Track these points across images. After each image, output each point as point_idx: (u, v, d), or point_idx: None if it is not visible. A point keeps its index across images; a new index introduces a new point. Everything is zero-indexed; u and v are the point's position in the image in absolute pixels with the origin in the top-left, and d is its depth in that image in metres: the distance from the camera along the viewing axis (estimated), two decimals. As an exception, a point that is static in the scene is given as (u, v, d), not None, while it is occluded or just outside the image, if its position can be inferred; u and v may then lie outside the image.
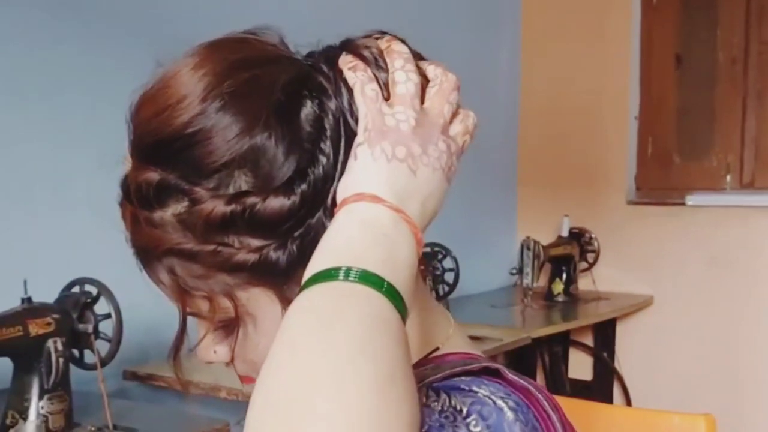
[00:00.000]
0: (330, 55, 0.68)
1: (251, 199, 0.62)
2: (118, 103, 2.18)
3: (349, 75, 0.65)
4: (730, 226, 3.30)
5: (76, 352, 1.67)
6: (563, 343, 3.50)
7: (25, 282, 1.57)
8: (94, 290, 1.67)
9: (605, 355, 3.51)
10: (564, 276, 3.36)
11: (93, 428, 1.62)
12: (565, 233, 3.41)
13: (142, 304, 2.03)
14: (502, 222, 3.65)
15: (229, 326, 0.68)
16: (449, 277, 2.68)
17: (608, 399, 3.48)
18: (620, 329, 3.54)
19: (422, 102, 0.65)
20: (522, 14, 3.81)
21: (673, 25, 3.52)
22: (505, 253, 3.57)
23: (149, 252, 0.67)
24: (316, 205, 0.64)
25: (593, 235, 3.51)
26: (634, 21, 3.56)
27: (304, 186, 0.63)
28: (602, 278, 3.51)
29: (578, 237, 3.47)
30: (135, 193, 0.66)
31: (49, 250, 1.99)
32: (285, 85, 0.64)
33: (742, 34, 3.35)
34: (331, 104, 0.65)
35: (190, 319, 0.70)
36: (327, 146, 0.64)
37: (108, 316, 1.65)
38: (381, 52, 0.66)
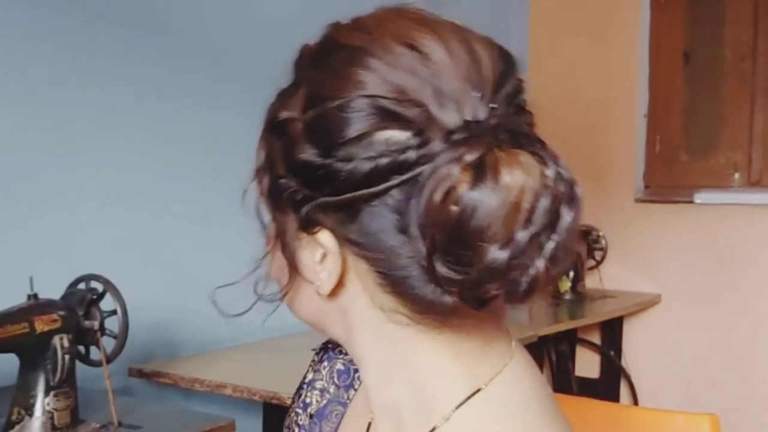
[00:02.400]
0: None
1: (301, 124, 0.63)
2: (124, 98, 2.19)
3: None
4: (737, 224, 3.29)
5: (81, 348, 1.68)
6: (570, 341, 3.50)
7: (31, 279, 1.57)
8: (100, 287, 1.67)
9: (612, 353, 3.51)
10: (571, 274, 3.35)
11: (98, 425, 1.62)
12: (572, 231, 3.40)
13: (148, 301, 2.04)
14: (509, 220, 3.64)
15: None
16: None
17: (615, 397, 3.47)
18: (627, 327, 3.54)
19: None
20: (530, 12, 3.80)
21: (681, 23, 3.51)
22: (512, 250, 3.56)
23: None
24: (315, 184, 0.62)
25: (601, 233, 3.51)
26: (643, 18, 3.55)
27: (333, 162, 0.60)
28: (609, 276, 3.50)
29: (586, 235, 3.47)
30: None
31: (55, 246, 1.99)
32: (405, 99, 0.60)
33: (751, 31, 3.33)
34: (410, 155, 0.59)
35: None
36: (365, 165, 0.59)
37: (114, 312, 1.66)
38: None
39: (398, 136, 0.59)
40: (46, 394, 1.56)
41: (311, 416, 0.87)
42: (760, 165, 3.35)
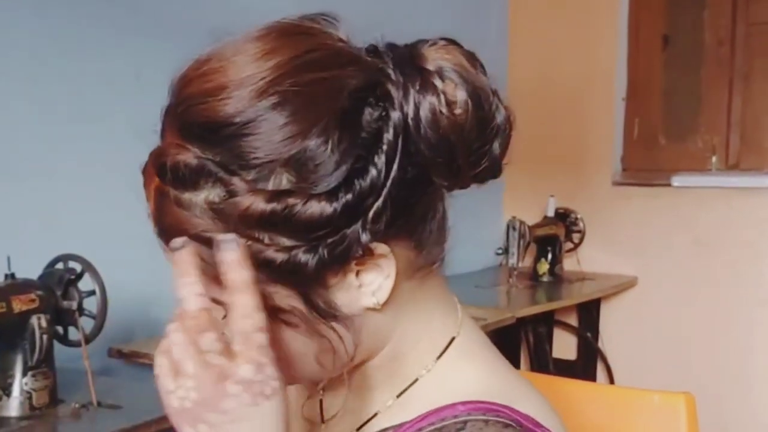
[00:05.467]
0: (398, 57, 0.66)
1: (292, 200, 0.61)
2: (106, 75, 2.17)
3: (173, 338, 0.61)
4: (715, 207, 3.31)
5: (60, 329, 1.67)
6: (548, 323, 3.52)
7: (8, 258, 1.57)
8: (78, 267, 1.66)
9: (589, 335, 3.53)
10: (549, 256, 3.37)
11: (77, 405, 1.62)
12: (550, 213, 3.42)
13: (127, 281, 2.03)
14: (488, 202, 3.65)
15: None
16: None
17: (592, 379, 3.50)
18: (604, 309, 3.56)
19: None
20: (510, -6, 3.80)
21: (660, 6, 3.51)
22: (491, 233, 3.58)
23: (174, 234, 0.64)
24: (356, 217, 0.62)
25: (579, 216, 3.52)
26: (622, 1, 3.55)
27: (348, 196, 0.61)
28: (587, 258, 3.52)
29: (564, 217, 3.48)
30: (170, 170, 0.63)
31: (32, 226, 1.98)
32: (352, 92, 0.62)
33: (730, 15, 3.35)
34: (395, 115, 0.63)
35: None
36: (381, 160, 0.62)
37: (92, 293, 1.65)
38: (441, 69, 0.65)
39: (368, 115, 0.63)
40: (24, 374, 1.55)
41: None
42: (738, 148, 3.37)
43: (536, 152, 3.51)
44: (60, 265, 1.67)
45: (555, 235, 3.39)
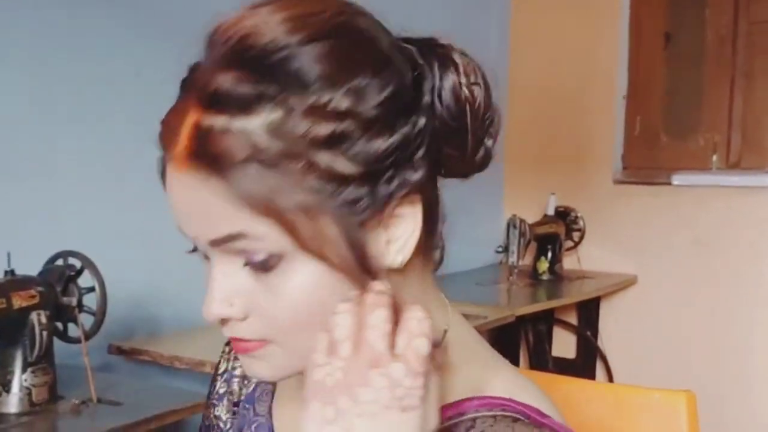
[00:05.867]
0: (414, 41, 0.70)
1: (352, 123, 0.61)
2: (106, 75, 2.17)
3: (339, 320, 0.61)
4: (715, 206, 3.31)
5: (60, 325, 1.67)
6: (547, 322, 3.52)
7: (8, 254, 1.57)
8: (78, 263, 1.66)
9: (589, 333, 3.53)
10: (549, 254, 3.37)
11: (77, 401, 1.62)
12: (551, 212, 3.42)
13: (127, 278, 2.04)
14: (489, 200, 3.65)
15: (262, 268, 0.63)
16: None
17: (591, 377, 3.50)
18: (604, 308, 3.56)
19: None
20: (511, -8, 3.80)
21: (662, 4, 3.51)
22: (491, 231, 3.58)
23: (222, 163, 0.60)
24: (408, 155, 0.64)
25: (579, 214, 3.52)
26: (624, -1, 3.55)
27: (405, 129, 0.64)
28: (587, 257, 3.53)
29: (564, 216, 3.48)
30: (222, 96, 0.61)
31: (32, 222, 1.98)
32: (389, 48, 0.67)
33: (731, 13, 3.35)
34: (426, 83, 0.68)
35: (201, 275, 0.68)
36: (425, 107, 0.67)
37: (92, 289, 1.65)
38: (463, 65, 0.70)
39: (409, 71, 0.67)
40: (24, 370, 1.55)
41: (236, 404, 0.88)
42: (739, 147, 3.37)
43: (537, 150, 3.52)
44: (60, 262, 1.67)
45: (555, 234, 3.39)
